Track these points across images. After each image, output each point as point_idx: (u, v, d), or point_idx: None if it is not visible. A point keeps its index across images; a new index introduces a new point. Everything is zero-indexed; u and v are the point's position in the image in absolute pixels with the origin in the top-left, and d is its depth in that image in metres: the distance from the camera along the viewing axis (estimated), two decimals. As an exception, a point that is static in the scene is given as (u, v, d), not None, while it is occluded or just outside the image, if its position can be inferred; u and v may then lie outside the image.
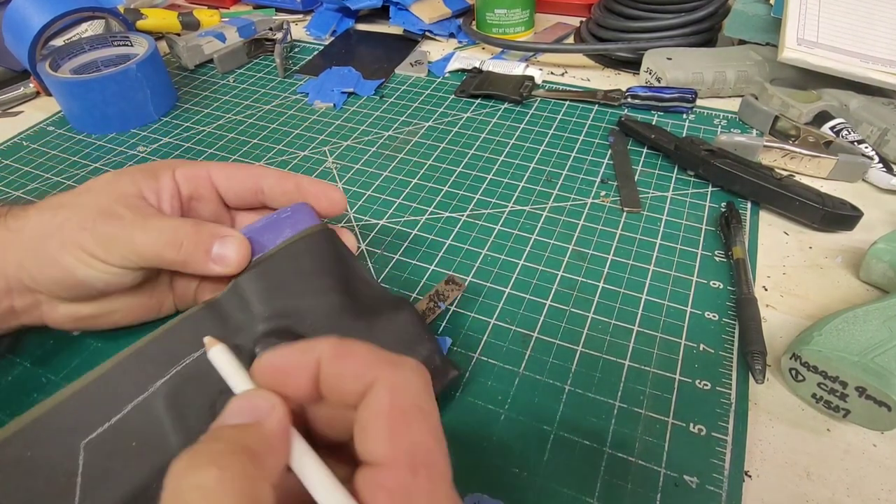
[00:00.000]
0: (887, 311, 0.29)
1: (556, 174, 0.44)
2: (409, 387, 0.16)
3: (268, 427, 0.16)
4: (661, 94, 0.50)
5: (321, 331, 0.26)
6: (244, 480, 0.14)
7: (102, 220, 0.27)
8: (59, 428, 0.22)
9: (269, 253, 0.27)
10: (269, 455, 0.15)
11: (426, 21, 0.66)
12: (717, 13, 0.57)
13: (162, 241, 0.27)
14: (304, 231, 0.28)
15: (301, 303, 0.26)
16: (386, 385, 0.16)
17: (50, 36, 0.54)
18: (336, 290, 0.27)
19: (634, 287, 0.35)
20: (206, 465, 0.14)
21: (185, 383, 0.24)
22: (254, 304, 0.26)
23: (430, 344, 0.28)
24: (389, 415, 0.16)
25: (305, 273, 0.27)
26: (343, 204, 0.31)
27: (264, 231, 0.28)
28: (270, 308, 0.26)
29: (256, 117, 0.54)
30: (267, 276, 0.27)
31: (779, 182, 0.39)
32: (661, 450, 0.27)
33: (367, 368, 0.17)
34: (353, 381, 0.17)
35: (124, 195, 0.28)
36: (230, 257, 0.27)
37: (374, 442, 0.16)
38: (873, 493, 0.25)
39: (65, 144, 0.51)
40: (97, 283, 0.27)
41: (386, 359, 0.17)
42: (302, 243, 0.27)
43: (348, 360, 0.17)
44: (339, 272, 0.28)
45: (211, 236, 0.27)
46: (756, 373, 0.29)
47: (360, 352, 0.17)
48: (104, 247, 0.26)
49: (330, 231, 0.29)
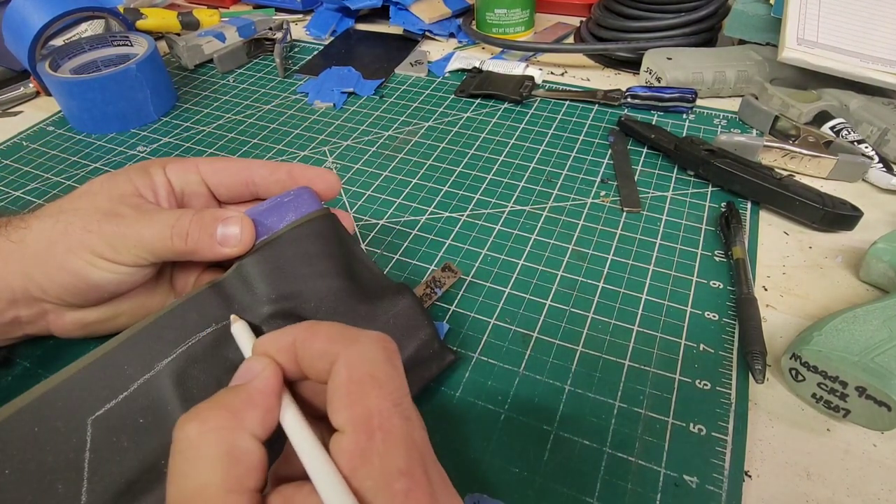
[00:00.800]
0: (887, 311, 0.29)
1: (555, 174, 0.44)
2: (364, 359, 0.18)
3: (252, 385, 0.18)
4: (661, 93, 0.50)
5: (324, 313, 0.26)
6: (220, 431, 0.17)
7: (107, 220, 0.27)
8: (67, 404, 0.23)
9: (274, 236, 0.27)
10: (248, 409, 0.18)
11: (426, 21, 0.66)
12: (717, 13, 0.57)
13: (169, 233, 0.27)
14: (307, 215, 0.28)
15: (305, 286, 0.27)
16: (344, 359, 0.18)
17: (50, 36, 0.54)
18: (339, 274, 0.27)
19: (634, 287, 0.35)
20: (191, 420, 0.17)
21: (191, 361, 0.25)
22: (258, 285, 0.26)
23: (428, 328, 0.28)
24: (346, 386, 0.17)
25: (309, 256, 0.27)
26: (338, 185, 0.31)
27: (268, 214, 0.28)
28: (275, 290, 0.26)
29: (256, 117, 0.54)
30: (271, 259, 0.27)
31: (779, 182, 0.39)
32: (660, 450, 0.27)
33: (331, 345, 0.18)
34: (321, 359, 0.19)
35: (123, 195, 0.28)
36: (235, 236, 0.27)
37: (336, 411, 0.17)
38: (873, 492, 0.25)
39: (65, 144, 0.51)
40: (109, 284, 0.27)
41: (346, 335, 0.19)
42: (306, 227, 0.28)
43: (315, 340, 0.19)
44: (342, 256, 0.28)
45: (214, 220, 0.27)
46: (756, 373, 0.29)
47: (325, 331, 0.19)
48: (113, 246, 0.26)
49: (333, 216, 0.29)
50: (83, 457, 0.22)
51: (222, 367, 0.25)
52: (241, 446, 0.17)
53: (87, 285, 0.27)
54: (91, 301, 0.28)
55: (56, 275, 0.26)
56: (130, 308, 0.30)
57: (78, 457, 0.22)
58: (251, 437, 0.17)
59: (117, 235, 0.26)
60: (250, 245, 0.27)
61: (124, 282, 0.28)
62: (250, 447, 0.17)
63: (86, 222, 0.27)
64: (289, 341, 0.19)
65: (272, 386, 0.19)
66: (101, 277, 0.27)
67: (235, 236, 0.27)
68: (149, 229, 0.27)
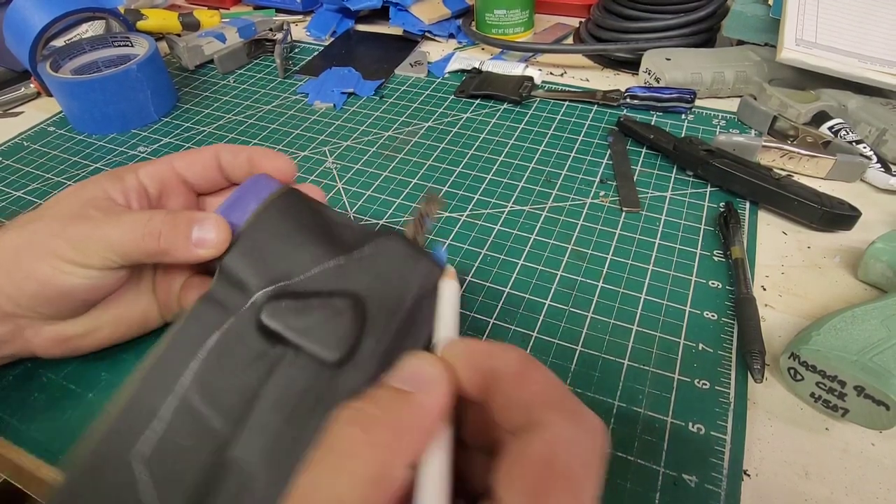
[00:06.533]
0: (885, 311, 0.29)
1: (555, 174, 0.45)
2: (574, 450, 0.15)
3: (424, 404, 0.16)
4: (659, 94, 0.50)
5: (316, 282, 0.26)
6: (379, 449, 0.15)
7: (72, 224, 0.26)
8: (110, 453, 0.22)
9: (243, 228, 0.27)
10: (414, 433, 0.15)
11: (426, 22, 0.66)
12: (716, 14, 0.57)
13: (139, 234, 0.26)
14: (268, 198, 0.28)
15: (288, 262, 0.27)
16: (550, 435, 0.15)
17: (50, 36, 0.54)
18: (317, 240, 0.27)
19: (633, 286, 0.35)
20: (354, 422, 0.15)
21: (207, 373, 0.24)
22: (246, 279, 0.26)
23: (426, 259, 0.27)
24: (538, 469, 0.14)
25: (284, 234, 0.27)
26: (292, 169, 0.31)
27: (231, 210, 0.28)
28: (264, 278, 0.26)
29: (256, 118, 0.54)
30: (248, 251, 0.27)
31: (777, 182, 0.39)
32: (660, 449, 0.27)
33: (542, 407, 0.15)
34: (519, 412, 0.16)
35: (92, 199, 0.27)
36: (211, 238, 0.26)
37: (508, 492, 0.14)
38: (872, 491, 0.25)
39: (65, 145, 0.51)
40: (79, 289, 0.26)
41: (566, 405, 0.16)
42: (271, 208, 0.28)
43: (523, 387, 0.16)
44: (315, 225, 0.28)
45: (189, 221, 0.27)
46: (755, 372, 0.29)
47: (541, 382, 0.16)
48: (79, 249, 0.25)
49: (293, 189, 0.29)
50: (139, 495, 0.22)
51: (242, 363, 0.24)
52: (392, 474, 0.15)
53: (57, 292, 0.26)
54: (66, 310, 0.27)
55: (25, 284, 0.25)
56: (111, 320, 0.29)
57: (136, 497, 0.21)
58: (405, 466, 0.15)
59: (83, 237, 0.26)
60: (225, 246, 0.27)
61: (96, 286, 0.27)
62: (400, 476, 0.15)
63: (52, 228, 0.26)
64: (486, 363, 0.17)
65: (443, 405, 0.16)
66: (70, 283, 0.26)
67: (211, 239, 0.26)
68: (117, 229, 0.26)
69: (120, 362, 0.31)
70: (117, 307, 0.29)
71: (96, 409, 0.29)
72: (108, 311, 0.29)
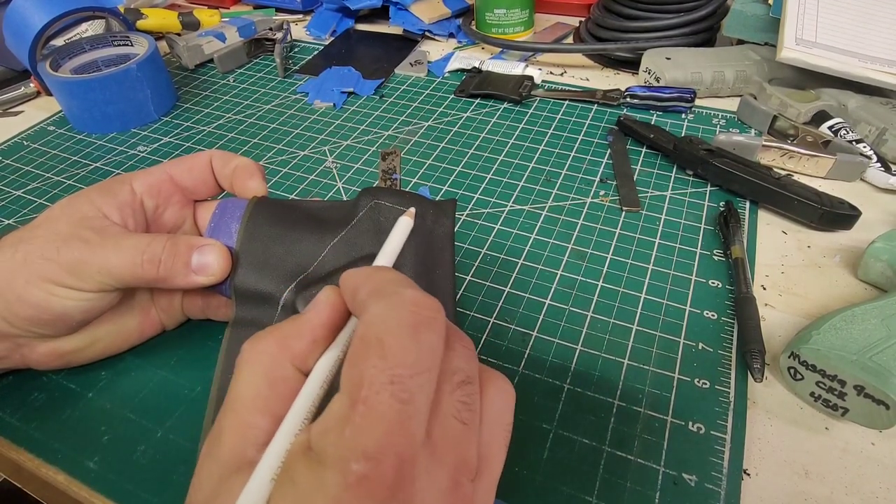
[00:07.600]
0: (885, 310, 0.29)
1: (555, 174, 0.45)
2: (381, 319, 0.17)
3: (304, 316, 0.20)
4: (659, 93, 0.50)
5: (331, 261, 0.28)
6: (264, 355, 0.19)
7: (66, 246, 0.25)
8: None
9: (238, 248, 0.28)
10: (294, 339, 0.19)
11: (426, 21, 0.66)
12: (716, 13, 0.57)
13: (139, 260, 0.26)
14: (246, 213, 0.28)
15: (297, 258, 0.27)
16: (366, 314, 0.18)
17: (50, 36, 0.54)
18: (312, 229, 0.28)
19: (633, 286, 0.35)
20: (250, 340, 0.19)
21: None
22: (266, 289, 0.27)
23: (411, 199, 0.29)
24: (354, 348, 0.17)
25: (278, 237, 0.28)
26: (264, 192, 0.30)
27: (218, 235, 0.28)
28: (282, 280, 0.27)
29: (256, 117, 0.54)
30: (254, 263, 0.27)
31: (777, 181, 0.39)
32: (660, 448, 0.27)
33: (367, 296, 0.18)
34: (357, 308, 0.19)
35: (85, 217, 0.26)
36: (213, 265, 0.26)
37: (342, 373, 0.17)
38: (871, 491, 0.25)
39: (65, 144, 0.51)
40: (74, 312, 0.26)
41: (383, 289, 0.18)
42: (254, 219, 0.28)
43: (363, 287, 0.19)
44: (300, 217, 0.29)
45: (189, 248, 0.26)
46: (755, 371, 0.29)
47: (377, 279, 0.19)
48: (74, 273, 0.25)
49: (262, 198, 0.30)
50: None
51: None
52: (278, 373, 0.18)
53: (52, 315, 0.25)
54: (61, 330, 0.27)
55: (18, 307, 0.25)
56: (107, 333, 0.29)
57: None
58: (291, 366, 0.19)
59: (79, 262, 0.25)
60: (227, 272, 0.27)
61: (91, 308, 0.26)
62: (288, 375, 0.18)
63: (44, 251, 0.25)
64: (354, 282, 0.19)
65: (323, 319, 0.20)
66: (64, 306, 0.25)
67: (212, 266, 0.26)
68: (116, 256, 0.25)
69: (120, 362, 0.31)
70: (113, 322, 0.29)
71: (96, 408, 0.29)
72: (104, 325, 0.29)
